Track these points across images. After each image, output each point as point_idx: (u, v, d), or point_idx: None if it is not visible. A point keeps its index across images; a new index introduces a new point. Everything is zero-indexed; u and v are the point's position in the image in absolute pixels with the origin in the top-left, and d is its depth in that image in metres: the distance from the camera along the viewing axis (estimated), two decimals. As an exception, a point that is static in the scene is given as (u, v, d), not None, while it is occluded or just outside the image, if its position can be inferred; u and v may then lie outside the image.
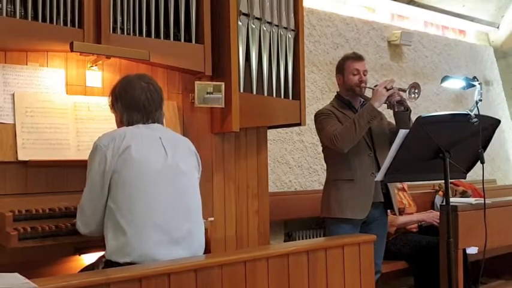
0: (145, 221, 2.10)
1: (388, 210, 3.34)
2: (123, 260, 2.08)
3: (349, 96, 3.29)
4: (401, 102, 3.12)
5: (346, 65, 3.28)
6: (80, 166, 2.39)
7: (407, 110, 3.15)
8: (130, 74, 2.42)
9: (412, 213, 4.08)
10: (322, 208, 3.30)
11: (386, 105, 3.15)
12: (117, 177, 2.12)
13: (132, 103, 2.27)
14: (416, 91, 3.06)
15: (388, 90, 3.08)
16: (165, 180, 2.17)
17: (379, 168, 3.07)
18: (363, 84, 3.25)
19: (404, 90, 3.09)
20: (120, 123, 2.33)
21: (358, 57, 3.29)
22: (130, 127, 2.26)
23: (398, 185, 4.14)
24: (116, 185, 2.12)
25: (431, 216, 3.99)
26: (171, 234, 2.14)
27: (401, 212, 3.96)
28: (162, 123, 2.36)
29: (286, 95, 3.27)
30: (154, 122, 2.31)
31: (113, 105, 2.33)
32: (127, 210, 2.09)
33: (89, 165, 2.19)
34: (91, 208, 2.17)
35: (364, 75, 3.26)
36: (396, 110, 3.14)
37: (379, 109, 3.06)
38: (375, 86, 3.16)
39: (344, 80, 3.28)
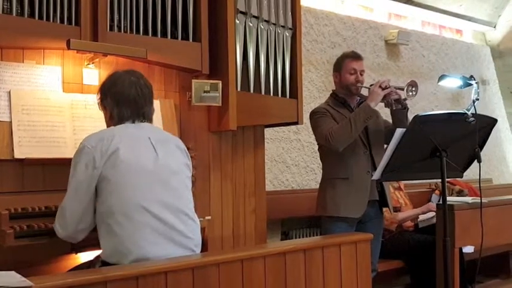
0: (140, 223, 2.07)
1: (384, 209, 3.34)
2: (120, 263, 2.06)
3: (345, 95, 3.28)
4: (399, 100, 3.13)
5: (343, 64, 3.27)
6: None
7: (405, 108, 3.15)
8: (119, 70, 2.40)
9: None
10: (317, 206, 3.29)
11: (384, 103, 3.15)
12: (106, 183, 2.08)
13: (122, 97, 2.23)
14: (414, 89, 3.08)
15: (383, 89, 3.08)
16: (157, 181, 2.14)
17: (374, 166, 3.08)
18: (358, 84, 3.24)
19: (401, 89, 3.10)
20: (110, 120, 2.29)
21: (356, 57, 3.28)
22: (119, 127, 2.21)
23: (395, 184, 4.15)
24: (106, 190, 2.08)
25: (428, 207, 4.01)
26: (166, 234, 2.12)
27: (397, 211, 3.96)
28: (151, 120, 2.32)
29: (283, 94, 3.27)
30: (144, 119, 2.27)
31: (102, 102, 2.29)
32: (120, 213, 2.06)
33: (73, 166, 2.13)
34: (71, 211, 2.12)
35: (361, 74, 3.25)
36: (394, 108, 3.15)
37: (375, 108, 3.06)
38: (371, 85, 3.16)
39: (341, 78, 3.28)
